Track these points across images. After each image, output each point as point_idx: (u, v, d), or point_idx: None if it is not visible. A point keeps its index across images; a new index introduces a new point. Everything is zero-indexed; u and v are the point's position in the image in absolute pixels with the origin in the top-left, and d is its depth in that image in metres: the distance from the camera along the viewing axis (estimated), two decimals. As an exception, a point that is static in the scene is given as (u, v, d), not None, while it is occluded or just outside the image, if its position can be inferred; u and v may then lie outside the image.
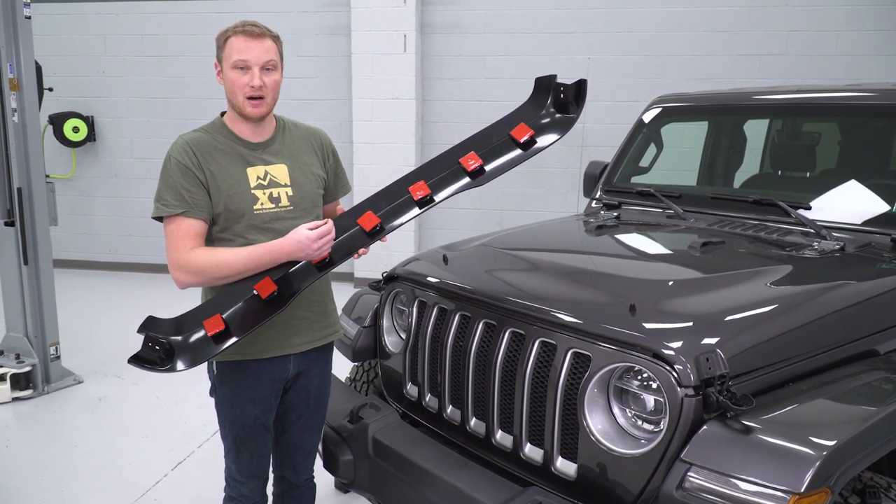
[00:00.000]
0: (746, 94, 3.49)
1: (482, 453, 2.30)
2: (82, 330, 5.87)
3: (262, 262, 2.06)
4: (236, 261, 2.06)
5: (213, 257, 2.07)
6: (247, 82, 2.10)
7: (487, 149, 2.23)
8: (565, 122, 2.25)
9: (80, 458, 3.80)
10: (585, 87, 2.21)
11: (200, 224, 2.11)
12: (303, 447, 2.47)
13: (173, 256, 2.09)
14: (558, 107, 2.26)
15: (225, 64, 2.12)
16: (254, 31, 2.10)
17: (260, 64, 2.10)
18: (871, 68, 6.50)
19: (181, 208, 2.08)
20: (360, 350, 2.87)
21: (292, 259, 2.07)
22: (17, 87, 4.40)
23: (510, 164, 2.23)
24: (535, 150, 2.23)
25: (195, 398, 4.47)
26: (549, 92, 2.27)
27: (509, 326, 2.21)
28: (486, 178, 2.21)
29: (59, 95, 7.60)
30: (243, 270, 2.06)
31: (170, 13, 7.57)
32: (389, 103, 7.10)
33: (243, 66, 2.09)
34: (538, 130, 2.23)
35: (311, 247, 2.03)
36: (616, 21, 6.90)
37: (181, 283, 2.10)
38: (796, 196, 2.98)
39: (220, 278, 2.07)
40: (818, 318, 2.11)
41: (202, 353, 2.07)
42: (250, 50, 2.09)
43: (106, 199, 8.13)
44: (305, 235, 2.03)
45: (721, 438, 1.72)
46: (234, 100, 2.14)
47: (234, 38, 2.10)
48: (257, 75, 2.10)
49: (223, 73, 2.14)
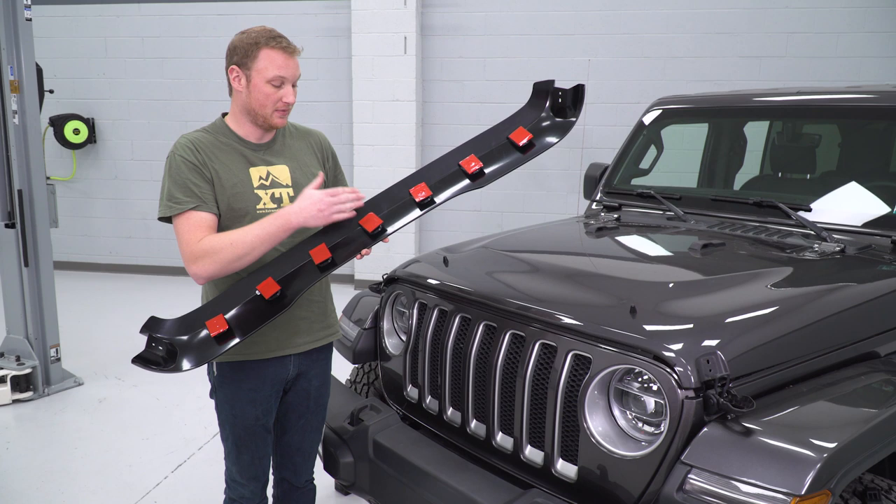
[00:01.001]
0: (747, 95, 3.49)
1: (483, 455, 2.30)
2: (83, 332, 5.87)
3: (273, 229, 2.03)
4: (249, 234, 2.03)
5: (227, 237, 2.05)
6: (281, 97, 2.13)
7: (487, 152, 2.24)
8: (563, 126, 2.27)
9: (81, 461, 3.80)
10: (583, 91, 2.22)
11: (212, 217, 2.11)
12: (303, 449, 2.48)
13: (188, 249, 2.06)
14: (556, 111, 2.27)
15: (257, 76, 2.11)
16: (290, 47, 2.14)
17: (293, 80, 2.16)
18: (871, 70, 6.52)
19: (193, 203, 2.07)
20: (360, 352, 2.87)
21: (304, 224, 2.04)
22: (17, 89, 4.41)
23: (509, 167, 2.24)
24: (534, 153, 2.24)
25: (195, 400, 4.48)
26: (548, 96, 2.29)
27: (510, 328, 2.21)
28: (486, 181, 2.22)
29: (60, 97, 7.62)
30: (258, 244, 2.03)
31: (170, 15, 7.57)
32: (390, 105, 7.10)
33: (280, 83, 2.12)
34: (536, 134, 2.24)
35: (326, 201, 2.02)
36: (616, 23, 6.91)
37: (200, 274, 2.06)
38: (797, 198, 2.98)
39: (236, 258, 2.03)
40: (819, 320, 2.11)
41: (205, 353, 2.07)
42: (289, 67, 2.13)
43: (106, 201, 8.13)
44: (319, 193, 2.03)
45: (722, 440, 1.72)
46: (262, 111, 2.14)
47: (271, 52, 2.10)
48: (292, 92, 2.16)
49: (251, 82, 2.12)
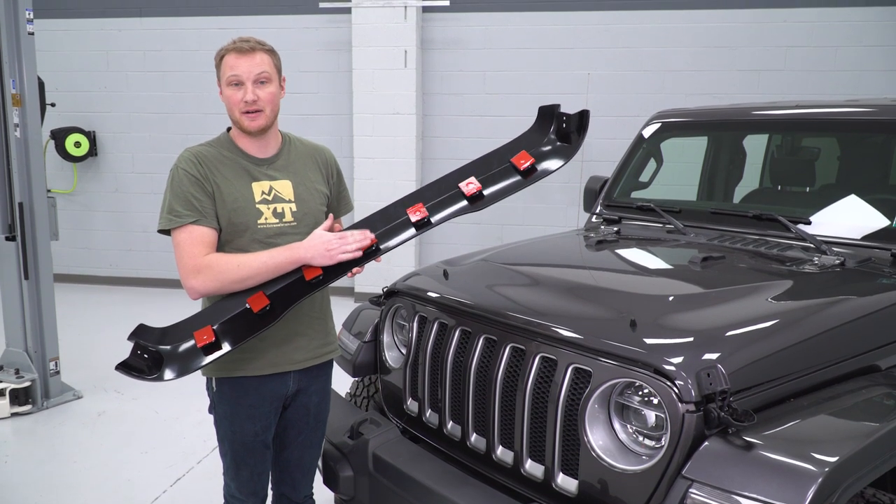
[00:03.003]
0: (746, 109, 3.50)
1: (483, 469, 2.29)
2: (82, 345, 5.86)
3: (281, 259, 2.05)
4: (257, 259, 2.05)
5: (233, 258, 2.06)
6: (241, 97, 2.12)
7: (488, 174, 2.22)
8: (566, 152, 2.25)
9: (80, 474, 3.78)
10: (588, 117, 2.21)
11: (212, 232, 2.11)
12: (302, 464, 2.46)
13: (188, 263, 2.06)
14: (560, 136, 2.25)
15: (221, 82, 2.16)
16: (244, 46, 2.12)
17: (252, 78, 2.12)
18: (869, 84, 6.55)
19: (193, 217, 2.08)
20: (360, 365, 2.87)
21: (311, 261, 2.06)
22: (19, 103, 4.42)
23: (509, 191, 2.22)
24: (536, 177, 2.22)
25: (194, 414, 4.46)
26: (552, 120, 2.27)
27: (510, 342, 2.20)
28: (485, 204, 2.20)
29: (61, 110, 7.64)
30: (263, 271, 2.05)
31: (172, 29, 7.62)
32: (390, 118, 7.13)
33: (236, 81, 2.12)
34: (539, 158, 2.22)
35: (333, 242, 2.04)
36: (616, 37, 6.94)
37: (197, 290, 2.07)
38: (796, 211, 2.99)
39: (238, 280, 2.05)
40: (819, 333, 2.11)
41: (190, 363, 2.07)
42: (241, 65, 2.11)
43: (107, 214, 8.14)
44: (329, 235, 2.05)
45: (723, 455, 1.71)
46: (232, 116, 2.17)
47: (227, 56, 2.13)
48: (250, 90, 2.12)
49: (222, 92, 2.17)
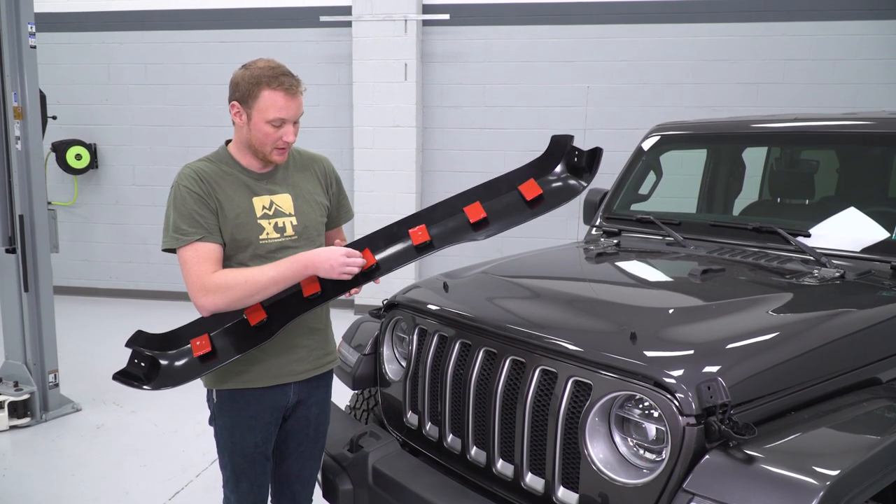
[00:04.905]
0: (745, 122, 3.51)
1: (483, 483, 2.28)
2: (82, 357, 5.84)
3: (290, 272, 2.05)
4: (266, 274, 2.03)
5: (242, 274, 2.05)
6: (280, 136, 2.09)
7: (494, 200, 2.20)
8: (574, 190, 2.20)
9: (78, 488, 3.76)
10: (600, 156, 2.17)
11: (218, 248, 2.10)
12: (302, 477, 2.45)
13: (197, 281, 2.04)
14: (571, 170, 2.22)
15: (257, 115, 2.06)
16: (293, 87, 2.07)
17: (295, 119, 2.11)
18: (868, 97, 6.57)
19: (198, 234, 2.06)
20: (360, 378, 2.86)
21: (315, 273, 2.06)
22: (21, 116, 4.44)
23: (514, 223, 2.19)
24: (541, 210, 2.19)
25: (193, 426, 4.44)
26: (564, 153, 2.23)
27: (510, 354, 2.20)
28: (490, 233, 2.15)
29: (63, 123, 7.66)
30: (271, 285, 2.04)
31: (173, 42, 7.64)
32: (390, 131, 7.15)
33: (281, 123, 2.08)
34: (547, 191, 2.19)
35: (339, 260, 2.03)
36: (615, 49, 6.98)
37: (207, 307, 2.05)
38: (796, 223, 2.99)
39: (248, 296, 2.03)
40: (819, 346, 2.11)
41: (187, 373, 2.07)
42: (289, 108, 2.07)
43: (107, 227, 8.15)
44: (336, 250, 2.05)
45: (724, 468, 1.70)
46: (261, 148, 2.12)
47: (272, 93, 2.04)
48: (292, 131, 2.10)
49: (251, 120, 2.08)
